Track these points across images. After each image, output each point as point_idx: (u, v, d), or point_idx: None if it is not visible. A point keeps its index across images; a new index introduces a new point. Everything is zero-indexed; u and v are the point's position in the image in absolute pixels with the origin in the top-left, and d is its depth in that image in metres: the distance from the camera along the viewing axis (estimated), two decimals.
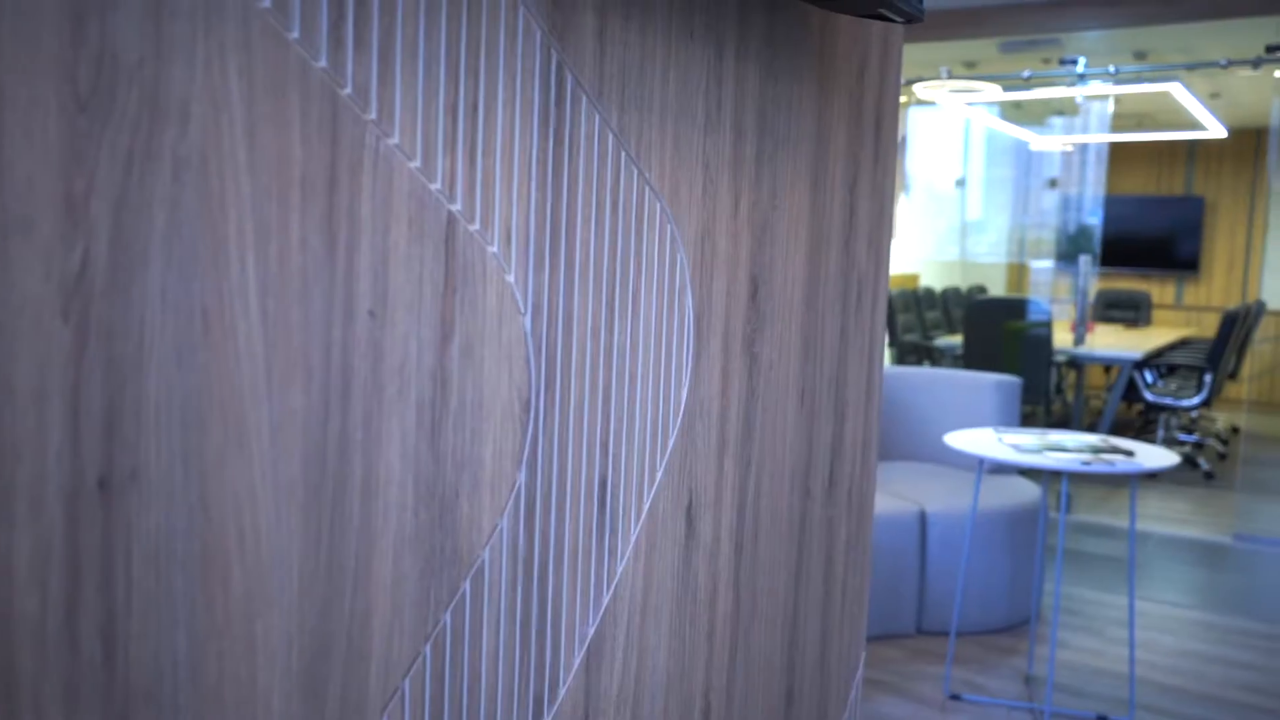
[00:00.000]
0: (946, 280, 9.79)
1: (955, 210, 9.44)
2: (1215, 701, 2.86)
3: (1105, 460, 2.43)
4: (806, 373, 1.19)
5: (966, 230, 9.47)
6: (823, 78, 1.15)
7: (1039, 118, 8.79)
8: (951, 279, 10.02)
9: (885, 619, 3.20)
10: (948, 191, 9.44)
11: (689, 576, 0.99)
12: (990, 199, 9.12)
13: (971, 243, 9.58)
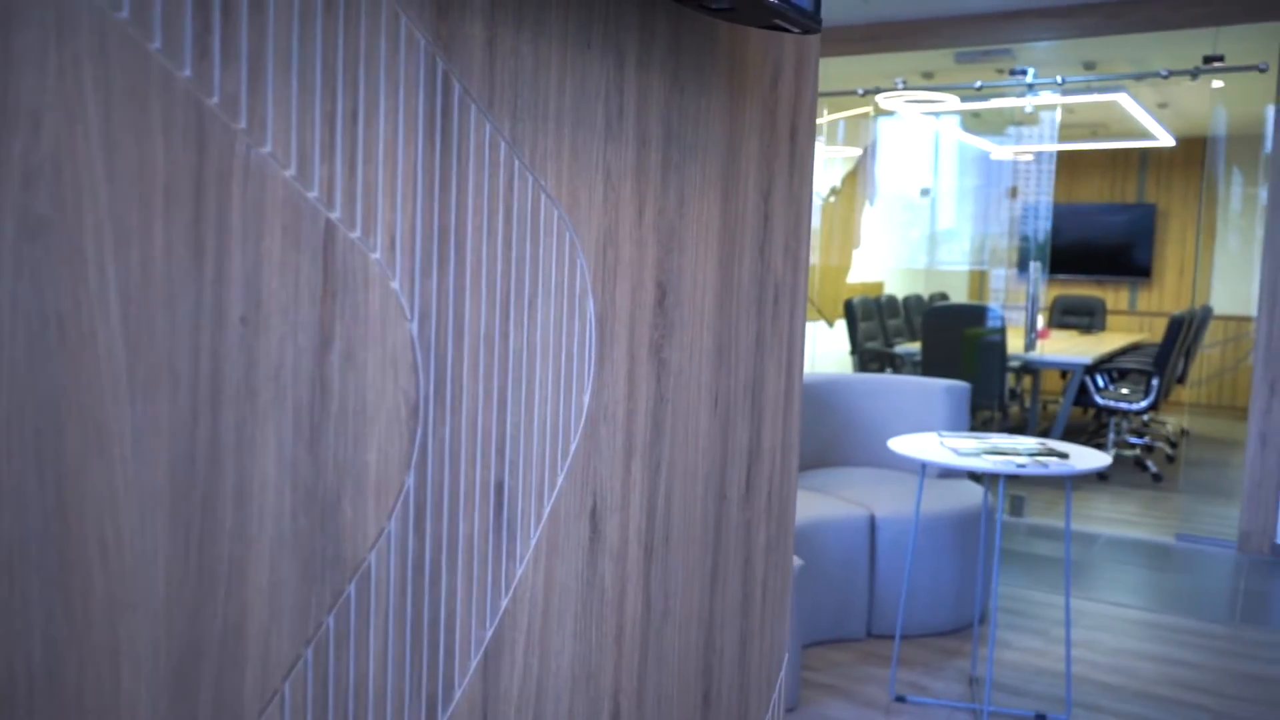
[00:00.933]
0: (912, 288, 9.89)
1: (920, 219, 9.54)
2: (1151, 698, 2.91)
3: (1040, 463, 2.47)
4: (720, 378, 1.20)
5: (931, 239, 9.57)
6: (733, 88, 1.17)
7: (999, 128, 8.91)
8: (916, 287, 10.12)
9: (835, 623, 3.23)
10: (914, 201, 9.54)
11: (595, 579, 1.00)
12: (954, 208, 9.22)
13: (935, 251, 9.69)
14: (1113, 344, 7.38)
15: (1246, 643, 3.43)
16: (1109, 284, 10.21)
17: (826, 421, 3.83)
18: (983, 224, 9.06)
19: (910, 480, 3.66)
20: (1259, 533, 4.57)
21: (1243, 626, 3.60)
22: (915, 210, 9.49)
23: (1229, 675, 3.13)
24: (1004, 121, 8.61)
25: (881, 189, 9.48)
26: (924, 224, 9.51)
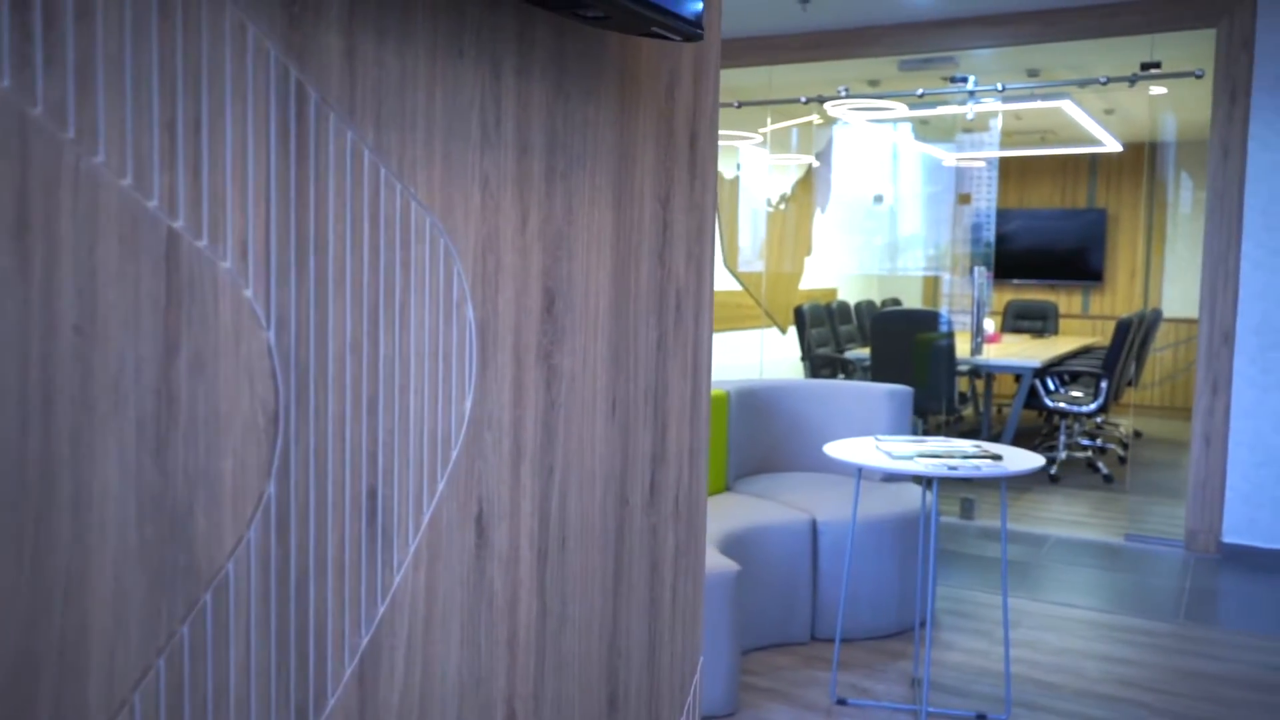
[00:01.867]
0: (866, 294, 9.98)
1: (874, 226, 9.62)
2: (1092, 696, 2.95)
3: (973, 465, 2.50)
4: (618, 383, 1.21)
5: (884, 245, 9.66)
6: (624, 96, 1.18)
7: (949, 134, 9.02)
8: (870, 293, 10.21)
9: (778, 627, 3.24)
10: (867, 207, 9.62)
11: (483, 585, 1.01)
12: (907, 215, 9.32)
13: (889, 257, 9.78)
14: (1064, 347, 7.48)
15: (1189, 640, 3.49)
16: (1062, 288, 10.35)
17: (770, 427, 3.86)
18: (934, 230, 9.16)
19: (850, 484, 3.69)
20: (1205, 531, 4.65)
21: (1186, 624, 3.65)
22: (869, 217, 9.58)
23: (1170, 672, 3.18)
24: (954, 128, 8.73)
25: (835, 196, 9.56)
26: (877, 230, 9.61)
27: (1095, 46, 5.30)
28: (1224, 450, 4.59)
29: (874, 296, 10.01)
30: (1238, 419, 4.56)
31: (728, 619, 2.70)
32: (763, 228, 8.18)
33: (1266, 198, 4.45)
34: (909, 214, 9.29)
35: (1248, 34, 4.43)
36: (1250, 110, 4.46)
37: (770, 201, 8.18)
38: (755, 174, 7.98)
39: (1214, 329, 4.61)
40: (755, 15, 5.08)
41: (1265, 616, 3.74)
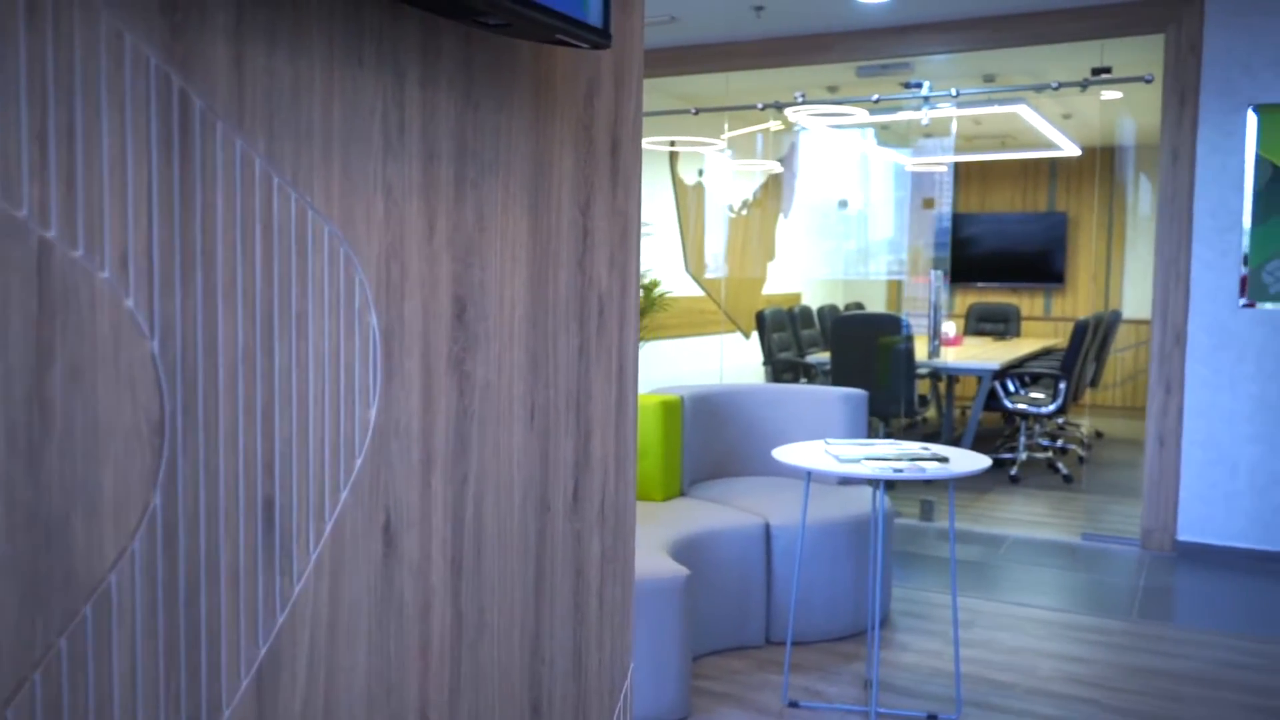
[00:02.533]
0: (831, 298, 10.04)
1: (838, 231, 9.68)
2: (1043, 694, 2.98)
3: (918, 467, 2.52)
4: (536, 390, 1.21)
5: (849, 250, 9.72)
6: (539, 104, 1.18)
7: (911, 140, 9.10)
8: (836, 297, 10.28)
9: (733, 631, 3.25)
10: (832, 212, 9.68)
11: (392, 593, 1.01)
12: (871, 219, 9.38)
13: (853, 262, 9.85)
14: (1024, 349, 7.55)
15: (1142, 637, 3.53)
16: (1024, 291, 10.46)
17: (726, 432, 3.87)
18: (897, 234, 9.23)
19: (803, 487, 3.71)
20: (1160, 530, 4.71)
21: (1139, 622, 3.70)
22: (833, 222, 9.64)
23: (1122, 669, 3.21)
24: (916, 134, 8.80)
25: (800, 201, 9.61)
26: (841, 235, 9.67)
27: (1049, 52, 5.37)
28: (1177, 450, 4.65)
29: (839, 301, 10.07)
30: (1190, 419, 4.62)
31: (678, 624, 2.71)
32: (726, 233, 8.21)
33: (1216, 200, 4.52)
34: (872, 219, 9.36)
35: (1195, 39, 4.50)
36: (1199, 114, 4.53)
37: (733, 207, 8.21)
38: (718, 180, 8.01)
39: (1166, 330, 4.67)
40: (711, 22, 5.11)
41: (1218, 613, 3.79)
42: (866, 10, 4.84)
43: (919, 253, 8.87)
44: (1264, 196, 4.43)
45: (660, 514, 3.30)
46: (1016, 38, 4.88)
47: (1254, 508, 4.51)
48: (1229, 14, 4.44)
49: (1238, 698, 3.00)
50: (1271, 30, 4.36)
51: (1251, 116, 4.43)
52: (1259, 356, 4.46)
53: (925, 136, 9.13)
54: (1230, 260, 4.50)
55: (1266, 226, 4.43)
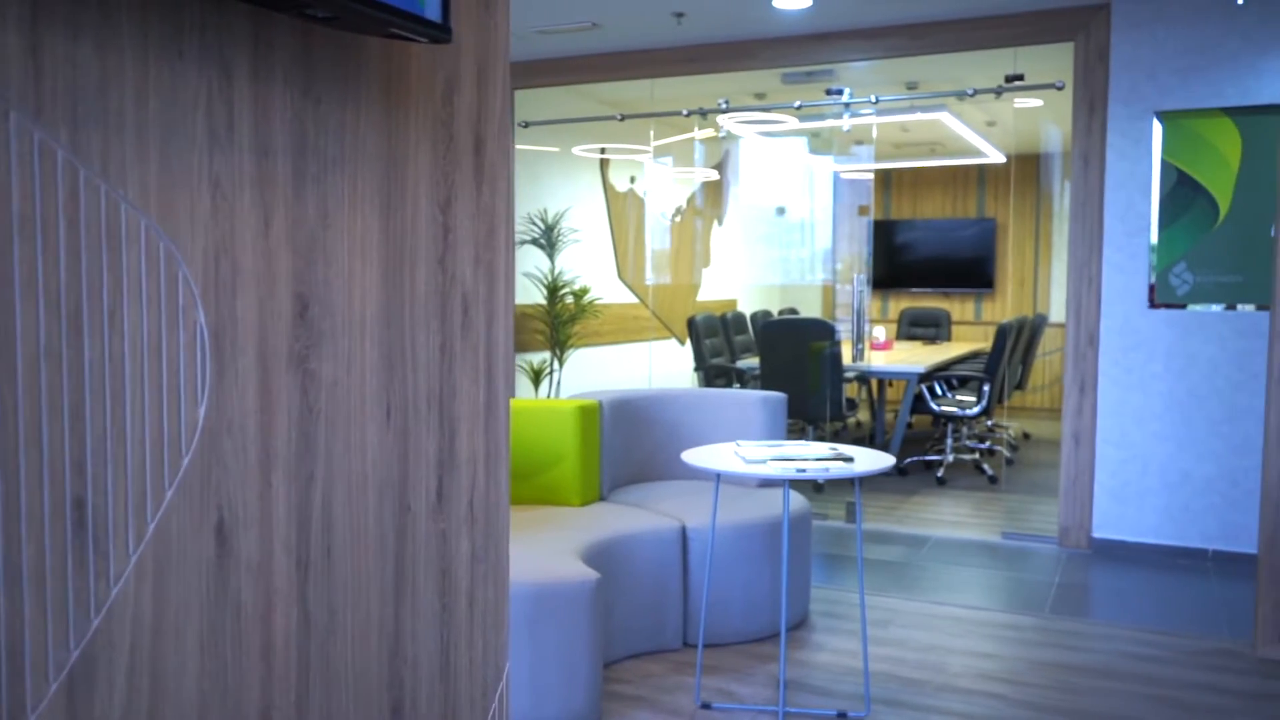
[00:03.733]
0: (767, 304, 10.11)
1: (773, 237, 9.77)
2: (952, 690, 3.02)
3: (822, 467, 2.54)
4: (394, 389, 1.20)
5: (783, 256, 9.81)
6: (391, 101, 1.18)
7: (842, 147, 9.21)
8: (772, 303, 10.35)
9: (651, 634, 3.25)
10: (769, 219, 9.76)
11: (227, 595, 0.99)
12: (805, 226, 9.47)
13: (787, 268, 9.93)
14: (952, 353, 7.67)
15: (1052, 632, 3.59)
16: (955, 296, 10.63)
17: (646, 436, 3.88)
18: (830, 240, 9.33)
19: (725, 490, 3.73)
20: (1076, 527, 4.80)
21: (1051, 617, 3.76)
22: (769, 228, 9.72)
23: (1030, 664, 3.27)
24: (847, 141, 8.91)
25: (738, 208, 9.67)
26: (777, 242, 9.75)
27: (969, 59, 5.46)
28: (1092, 449, 4.75)
29: (774, 307, 10.15)
30: (1104, 418, 4.73)
31: (588, 628, 2.70)
32: (659, 240, 8.23)
33: (1124, 204, 4.64)
34: (806, 225, 9.45)
35: (1103, 47, 4.62)
36: (1108, 120, 4.65)
37: (667, 214, 8.24)
38: (651, 187, 8.03)
39: (1080, 331, 4.78)
40: (632, 29, 5.13)
41: (1127, 608, 3.88)
42: (786, 17, 4.90)
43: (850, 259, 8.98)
44: (1170, 201, 4.56)
45: (577, 519, 3.29)
46: (933, 45, 4.96)
47: (1165, 504, 4.62)
48: (1134, 23, 4.56)
49: (1137, 688, 3.07)
50: (1174, 39, 4.49)
51: (1156, 123, 4.56)
52: (1167, 356, 4.58)
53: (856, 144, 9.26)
54: (1139, 263, 4.62)
55: (1172, 230, 4.55)
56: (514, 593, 2.63)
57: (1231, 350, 4.47)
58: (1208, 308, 4.52)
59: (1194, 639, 3.53)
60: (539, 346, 6.52)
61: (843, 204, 9.22)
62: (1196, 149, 4.50)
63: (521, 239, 6.28)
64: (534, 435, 3.51)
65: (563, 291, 6.56)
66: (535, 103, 6.19)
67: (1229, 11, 4.40)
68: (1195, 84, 4.47)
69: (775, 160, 9.39)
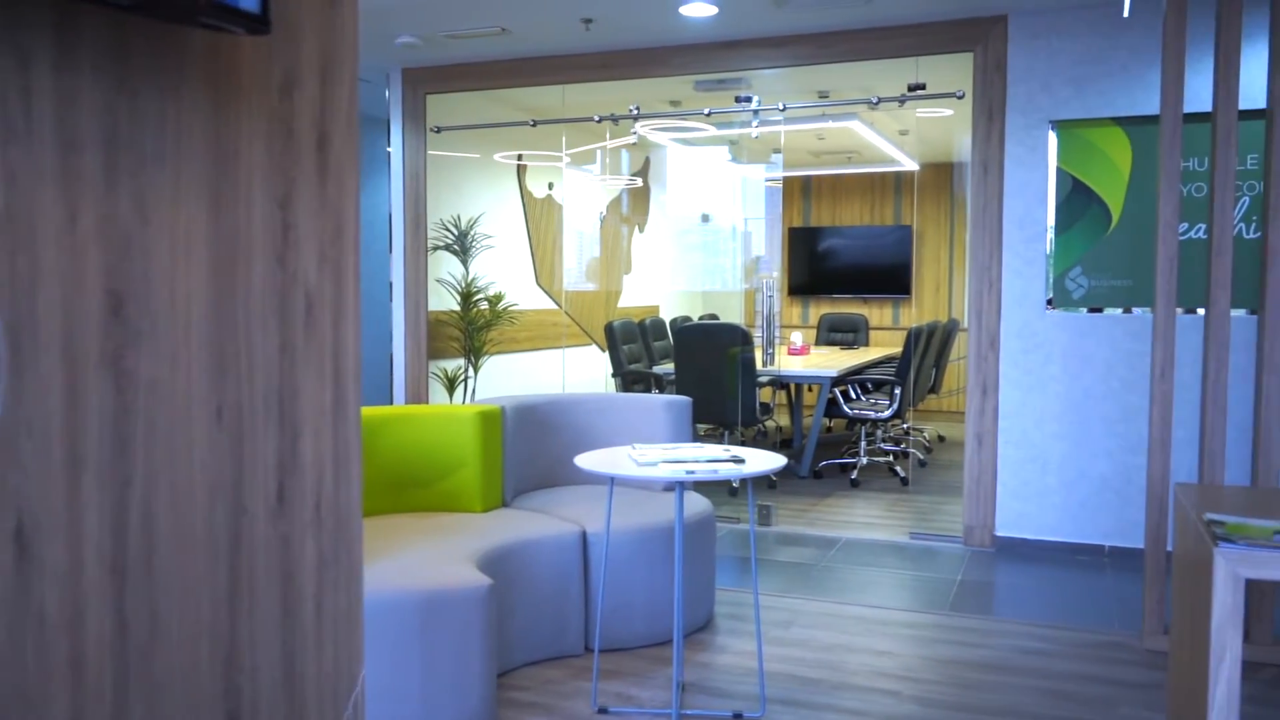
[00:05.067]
0: (691, 311, 10.16)
1: (695, 243, 9.82)
2: (849, 688, 3.06)
3: (711, 469, 2.56)
4: (225, 388, 1.18)
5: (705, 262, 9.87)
6: (219, 95, 1.15)
7: (763, 155, 9.31)
8: (694, 309, 10.40)
9: (552, 640, 3.23)
10: (693, 225, 9.81)
11: (28, 603, 0.95)
12: (726, 232, 9.55)
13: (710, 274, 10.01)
14: (867, 357, 7.79)
15: (950, 629, 3.66)
16: (874, 301, 10.81)
17: (552, 442, 3.86)
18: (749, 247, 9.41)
19: (630, 495, 3.73)
20: (980, 526, 4.90)
21: (951, 614, 3.83)
22: (692, 235, 9.78)
23: (926, 661, 3.32)
24: (766, 149, 9.01)
25: (662, 215, 9.71)
26: (699, 248, 9.81)
27: (878, 68, 5.56)
28: (994, 449, 4.86)
29: (696, 313, 10.20)
30: (1005, 419, 4.84)
31: (479, 635, 2.68)
32: (578, 246, 8.23)
33: (1022, 211, 4.76)
34: (727, 232, 9.52)
35: (1000, 58, 4.74)
36: (1006, 129, 4.76)
37: (587, 220, 8.24)
38: (570, 193, 8.02)
39: (981, 335, 4.88)
40: (542, 34, 5.12)
41: (1025, 603, 3.96)
42: (695, 24, 4.93)
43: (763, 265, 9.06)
44: (1065, 207, 4.68)
45: (477, 525, 3.26)
46: (840, 54, 5.04)
47: (1064, 502, 4.74)
48: (1029, 35, 4.68)
49: (1028, 682, 3.14)
50: (1067, 51, 4.62)
51: (1051, 132, 4.68)
52: (1064, 358, 4.70)
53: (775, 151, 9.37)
54: (1037, 268, 4.74)
55: (1068, 236, 4.68)
56: (403, 600, 2.60)
57: (1124, 351, 4.61)
58: (1102, 311, 4.65)
59: (1086, 632, 3.62)
60: (453, 353, 6.46)
61: (760, 211, 9.31)
62: (1089, 157, 4.64)
63: (434, 245, 6.22)
64: (434, 441, 3.48)
65: (477, 298, 6.51)
66: (450, 108, 6.14)
67: (1118, 25, 4.55)
68: (1088, 94, 4.61)
69: (697, 168, 9.45)
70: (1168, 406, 3.41)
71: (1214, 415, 3.35)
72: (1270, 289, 3.29)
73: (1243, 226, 4.39)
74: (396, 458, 3.46)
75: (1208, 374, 3.36)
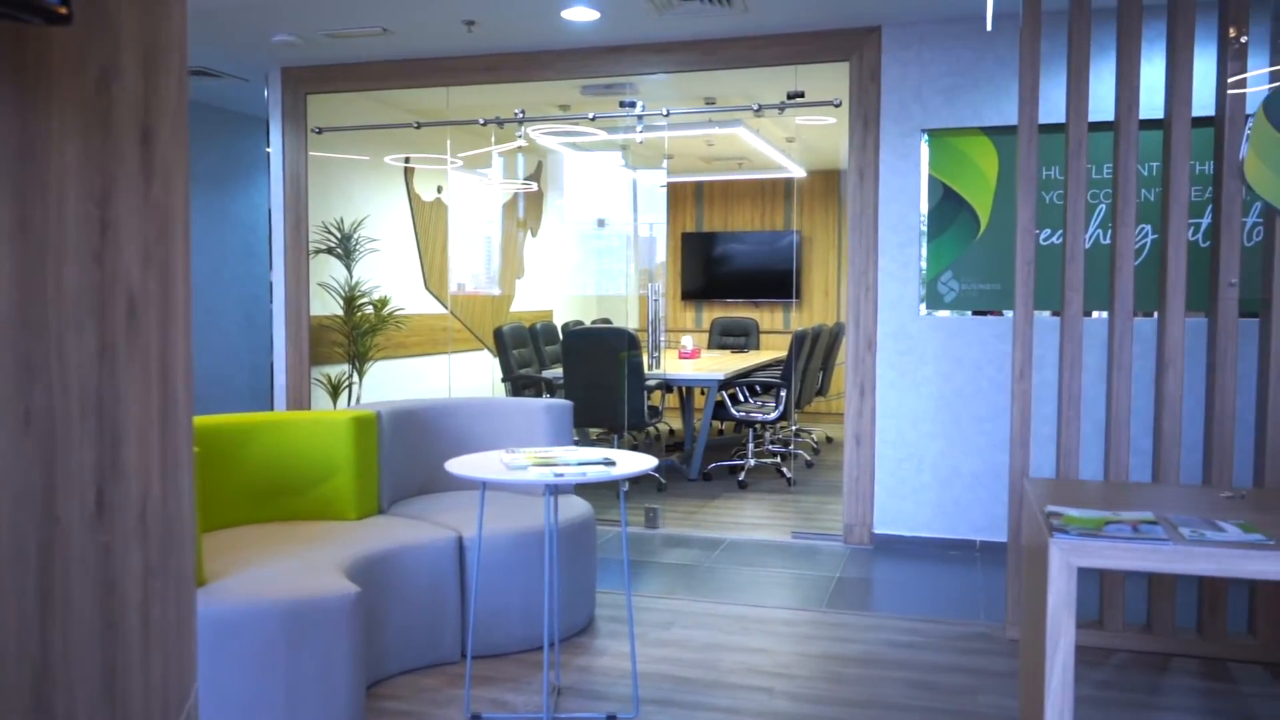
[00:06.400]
0: (585, 315, 10.16)
1: (589, 247, 9.83)
2: (721, 686, 3.10)
3: (580, 471, 2.56)
4: (34, 393, 1.13)
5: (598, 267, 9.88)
6: (24, 90, 1.11)
7: (654, 160, 9.37)
8: (588, 313, 10.41)
9: (428, 648, 3.19)
10: (584, 230, 9.81)
11: None
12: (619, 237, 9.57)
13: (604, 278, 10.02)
14: (755, 361, 7.91)
15: (825, 625, 3.73)
16: (765, 306, 10.98)
17: (431, 447, 3.82)
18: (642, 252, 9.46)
19: (510, 499, 3.72)
20: (859, 525, 5.02)
21: (827, 611, 3.91)
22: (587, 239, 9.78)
23: (800, 657, 3.39)
24: (657, 154, 9.08)
25: (556, 219, 9.69)
26: (594, 252, 9.83)
27: (762, 75, 5.65)
28: (872, 449, 4.98)
29: (589, 317, 10.21)
30: (882, 419, 4.97)
31: (346, 645, 2.63)
32: (469, 250, 8.15)
33: (897, 216, 4.89)
34: (619, 237, 9.55)
35: (875, 68, 4.87)
36: (880, 137, 4.90)
37: (477, 224, 8.16)
38: (460, 196, 7.95)
39: (859, 337, 5.00)
40: (424, 36, 5.07)
41: (898, 598, 4.07)
42: (578, 29, 4.94)
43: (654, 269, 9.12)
44: (937, 214, 4.84)
45: (350, 533, 3.20)
46: (722, 61, 5.11)
47: (938, 499, 4.89)
48: (902, 46, 4.83)
49: (897, 674, 3.22)
50: (938, 62, 4.77)
51: (923, 141, 4.83)
52: (937, 359, 4.85)
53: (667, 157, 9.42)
54: (910, 272, 4.88)
55: (940, 241, 4.84)
56: (266, 611, 2.53)
57: (992, 353, 4.78)
58: (971, 313, 4.82)
59: (954, 625, 3.74)
60: (338, 359, 6.33)
61: (650, 216, 9.37)
62: (959, 165, 4.80)
63: (316, 248, 6.09)
64: (307, 448, 3.40)
65: (361, 302, 6.40)
66: (333, 109, 6.03)
67: (985, 37, 4.72)
68: (957, 104, 4.77)
69: (592, 172, 9.46)
70: (1027, 405, 3.55)
71: (1069, 412, 3.50)
72: (1119, 292, 3.45)
73: (1100, 233, 4.60)
74: (267, 465, 3.37)
75: (1063, 373, 3.51)
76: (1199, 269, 4.38)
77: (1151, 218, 4.53)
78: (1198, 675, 3.26)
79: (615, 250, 9.68)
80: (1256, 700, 3.06)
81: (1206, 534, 2.00)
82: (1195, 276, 4.37)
